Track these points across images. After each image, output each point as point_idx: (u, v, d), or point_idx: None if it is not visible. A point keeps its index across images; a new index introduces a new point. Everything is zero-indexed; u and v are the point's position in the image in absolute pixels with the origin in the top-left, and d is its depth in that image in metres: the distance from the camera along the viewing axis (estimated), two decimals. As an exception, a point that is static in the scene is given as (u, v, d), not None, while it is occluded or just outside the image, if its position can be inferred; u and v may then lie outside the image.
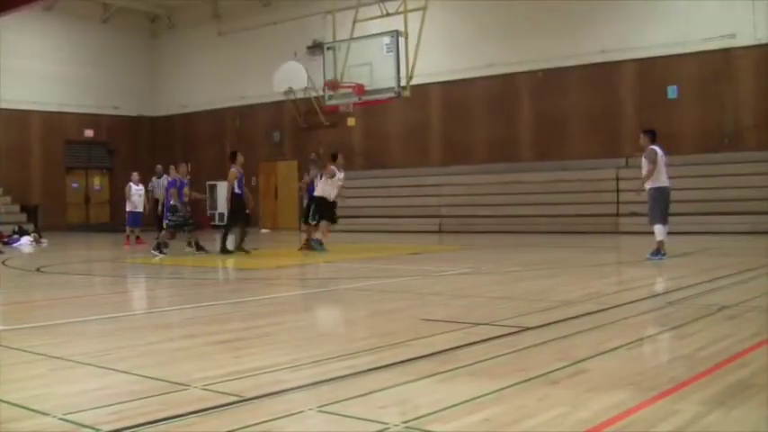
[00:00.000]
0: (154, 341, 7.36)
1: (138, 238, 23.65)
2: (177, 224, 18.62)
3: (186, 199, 18.87)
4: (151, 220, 23.99)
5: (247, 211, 19.11)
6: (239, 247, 18.65)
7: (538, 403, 4.76)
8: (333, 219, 19.06)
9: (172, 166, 20.01)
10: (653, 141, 14.63)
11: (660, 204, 14.45)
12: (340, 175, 18.85)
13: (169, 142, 37.18)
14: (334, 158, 19.06)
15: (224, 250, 18.63)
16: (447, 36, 28.30)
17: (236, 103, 34.93)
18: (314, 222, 18.85)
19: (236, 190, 18.64)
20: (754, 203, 22.56)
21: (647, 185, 14.49)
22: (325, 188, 18.63)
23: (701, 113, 24.49)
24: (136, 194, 23.76)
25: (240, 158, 19.12)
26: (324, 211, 18.69)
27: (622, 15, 25.71)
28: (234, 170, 18.68)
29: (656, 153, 14.38)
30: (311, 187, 19.17)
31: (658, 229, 14.33)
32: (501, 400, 4.82)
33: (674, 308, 8.67)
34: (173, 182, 18.98)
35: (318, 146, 31.57)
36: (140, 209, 23.81)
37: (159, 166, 25.12)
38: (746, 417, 4.43)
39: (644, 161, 14.50)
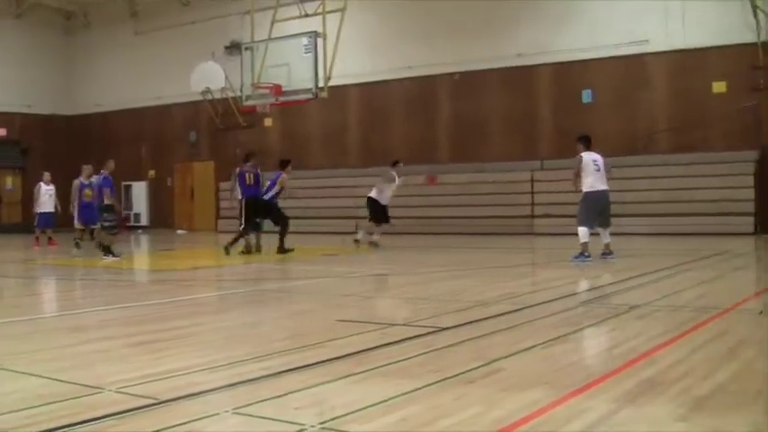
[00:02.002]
0: (68, 344, 7.23)
1: (50, 239, 23.16)
2: (113, 225, 17.87)
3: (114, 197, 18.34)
4: (65, 220, 23.58)
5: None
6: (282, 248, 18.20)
7: (453, 403, 4.80)
8: (387, 219, 19.98)
9: (86, 166, 19.45)
10: (587, 148, 14.64)
11: (586, 208, 14.44)
12: (399, 181, 20.20)
13: (85, 142, 36.49)
14: (395, 164, 20.44)
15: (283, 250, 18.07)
16: (366, 37, 28.36)
17: (153, 102, 34.50)
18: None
19: (266, 196, 18.37)
20: (667, 205, 23.07)
21: (582, 190, 14.52)
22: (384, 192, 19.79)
23: (615, 117, 24.94)
24: (46, 194, 23.31)
25: (289, 169, 19.16)
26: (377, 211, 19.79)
27: (540, 19, 26.05)
28: (285, 176, 18.57)
29: (579, 161, 14.43)
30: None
31: (582, 232, 14.39)
32: (417, 400, 4.84)
33: (587, 308, 8.82)
34: (107, 180, 18.12)
35: (235, 147, 31.47)
36: (51, 209, 23.33)
37: (90, 166, 24.71)
38: (656, 412, 4.53)
39: None
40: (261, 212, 18.45)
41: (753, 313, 8.28)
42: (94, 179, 19.19)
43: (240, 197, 18.47)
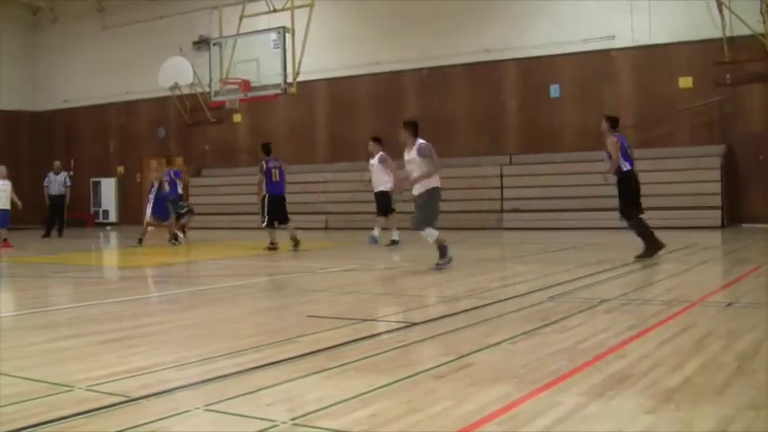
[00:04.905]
0: (36, 342, 7.16)
1: (5, 240, 21.04)
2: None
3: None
4: (24, 217, 23.05)
5: None
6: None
7: (424, 398, 4.82)
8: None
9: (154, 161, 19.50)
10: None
11: (435, 207, 14.17)
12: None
13: (51, 137, 36.23)
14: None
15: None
16: (334, 33, 28.31)
17: (121, 98, 34.24)
18: None
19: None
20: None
21: (418, 188, 14.09)
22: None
23: (581, 112, 25.07)
24: (0, 191, 21.25)
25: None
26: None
27: (507, 15, 26.11)
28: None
29: (429, 149, 13.94)
30: None
31: (429, 233, 13.67)
32: (388, 396, 4.87)
33: (556, 302, 8.86)
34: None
35: (204, 143, 31.39)
36: (6, 206, 21.27)
37: (57, 162, 24.28)
38: (624, 405, 4.58)
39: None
40: (282, 210, 18.57)
41: (720, 306, 8.37)
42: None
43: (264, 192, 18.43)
